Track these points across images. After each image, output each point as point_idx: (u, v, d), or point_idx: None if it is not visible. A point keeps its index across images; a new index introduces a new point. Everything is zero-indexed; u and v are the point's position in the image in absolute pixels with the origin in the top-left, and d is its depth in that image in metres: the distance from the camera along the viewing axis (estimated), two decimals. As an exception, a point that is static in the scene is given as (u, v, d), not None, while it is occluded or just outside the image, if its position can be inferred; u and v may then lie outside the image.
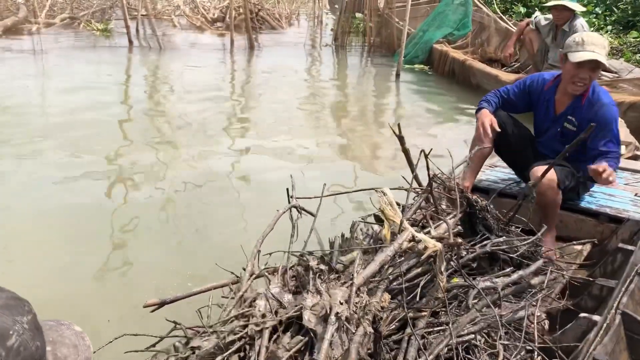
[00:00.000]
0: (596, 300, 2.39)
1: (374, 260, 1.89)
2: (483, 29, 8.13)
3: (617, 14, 9.09)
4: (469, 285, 2.04)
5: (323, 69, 8.83)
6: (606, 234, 2.98)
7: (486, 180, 3.29)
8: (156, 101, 6.34)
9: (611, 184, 2.62)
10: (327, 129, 5.53)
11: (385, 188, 2.12)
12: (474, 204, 2.37)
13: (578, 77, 2.68)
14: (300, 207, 2.33)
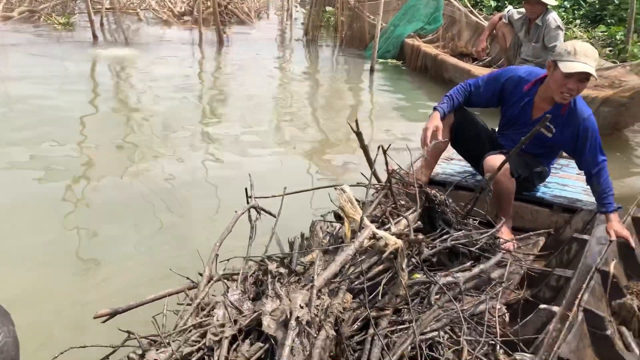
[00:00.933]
0: (554, 291, 2.44)
1: (335, 260, 1.85)
2: (454, 23, 8.18)
3: (585, 8, 9.27)
4: (430, 281, 2.03)
5: (294, 64, 8.75)
6: (560, 224, 3.06)
7: (443, 173, 3.34)
8: (121, 98, 6.19)
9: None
10: (297, 126, 5.47)
11: (345, 185, 2.10)
12: (433, 199, 2.39)
13: (566, 88, 2.66)
14: (259, 208, 2.28)
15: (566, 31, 8.45)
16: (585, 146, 2.78)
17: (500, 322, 2.04)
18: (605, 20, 8.76)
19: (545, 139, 2.88)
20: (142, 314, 1.79)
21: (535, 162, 3.00)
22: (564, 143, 2.89)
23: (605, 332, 2.12)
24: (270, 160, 4.46)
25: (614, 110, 4.61)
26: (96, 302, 2.04)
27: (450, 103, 2.98)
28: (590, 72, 2.57)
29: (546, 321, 2.07)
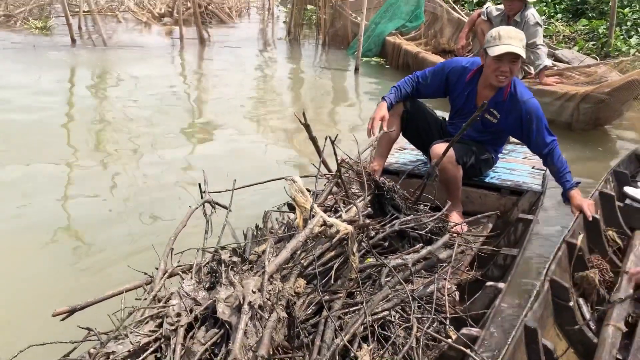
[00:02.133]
0: (501, 269, 2.59)
1: (286, 247, 1.94)
2: (436, 20, 8.24)
3: (566, 2, 9.36)
4: (381, 264, 2.16)
5: (277, 63, 8.79)
6: (508, 206, 3.23)
7: (396, 162, 3.50)
8: (100, 102, 6.20)
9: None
10: (278, 126, 5.49)
11: (296, 176, 2.20)
12: (382, 186, 2.51)
13: (499, 70, 2.87)
14: (213, 202, 2.36)
15: (548, 25, 8.56)
16: (531, 129, 2.95)
17: (451, 300, 2.17)
18: (586, 14, 8.87)
19: (490, 125, 3.06)
20: (101, 311, 1.85)
21: (482, 150, 3.18)
22: (510, 128, 3.08)
23: (568, 302, 2.25)
24: (245, 155, 4.64)
25: (594, 106, 4.70)
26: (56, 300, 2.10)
27: (397, 93, 3.16)
28: (515, 52, 2.78)
29: (493, 297, 2.19)
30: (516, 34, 2.87)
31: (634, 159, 3.72)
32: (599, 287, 2.47)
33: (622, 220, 3.03)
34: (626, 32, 7.71)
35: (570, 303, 2.25)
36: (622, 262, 2.72)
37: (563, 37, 8.33)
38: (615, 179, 3.35)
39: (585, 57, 6.37)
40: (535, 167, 3.52)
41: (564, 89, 4.94)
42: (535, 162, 3.57)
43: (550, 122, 4.95)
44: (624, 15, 7.96)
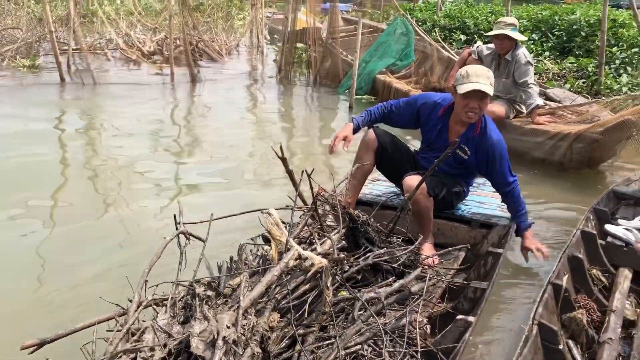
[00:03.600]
0: (471, 302, 2.64)
1: (261, 281, 1.98)
2: (426, 58, 8.36)
3: (553, 40, 9.55)
4: (354, 298, 2.21)
5: (269, 102, 8.85)
6: (478, 239, 3.32)
7: (369, 194, 3.63)
8: (89, 142, 6.17)
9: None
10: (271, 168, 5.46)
11: (271, 209, 2.26)
12: (356, 219, 2.56)
13: (469, 107, 3.03)
14: (188, 233, 2.40)
15: (537, 63, 8.69)
16: (494, 168, 3.14)
17: (422, 334, 2.21)
18: (573, 52, 9.03)
19: (461, 161, 3.18)
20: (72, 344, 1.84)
21: (453, 182, 3.29)
22: (478, 165, 3.22)
23: (558, 346, 2.24)
24: (230, 189, 4.75)
25: (587, 146, 4.73)
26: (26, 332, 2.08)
27: (367, 117, 3.35)
28: (482, 90, 2.94)
29: (463, 331, 2.25)
30: (484, 72, 3.03)
31: (612, 197, 3.82)
32: (587, 327, 2.49)
33: (605, 258, 3.10)
34: (615, 71, 7.85)
35: (560, 346, 2.25)
36: (608, 301, 2.77)
37: (552, 74, 8.46)
38: (596, 217, 3.43)
39: (577, 95, 6.45)
40: None
41: (556, 129, 4.98)
42: None
43: (543, 162, 5.05)
44: (612, 54, 8.11)
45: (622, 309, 2.64)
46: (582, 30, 9.30)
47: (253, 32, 12.47)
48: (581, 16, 9.69)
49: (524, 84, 5.17)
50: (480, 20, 11.03)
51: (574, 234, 3.11)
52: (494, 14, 11.39)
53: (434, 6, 13.48)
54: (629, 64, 7.91)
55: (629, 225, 3.29)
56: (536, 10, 11.21)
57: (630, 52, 8.07)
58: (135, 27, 12.84)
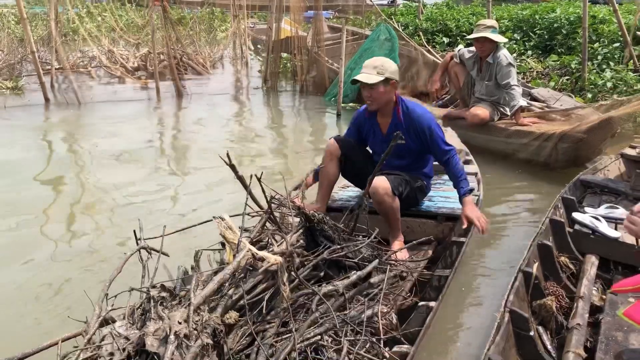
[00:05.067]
0: (437, 291, 2.79)
1: (213, 279, 2.10)
2: (411, 63, 8.45)
3: (535, 39, 9.67)
4: (312, 292, 2.31)
5: (256, 112, 8.92)
6: (446, 232, 3.49)
7: (339, 200, 3.81)
8: (74, 163, 6.17)
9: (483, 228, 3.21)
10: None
11: (224, 214, 2.40)
12: (312, 218, 2.66)
13: (365, 97, 3.33)
14: (149, 248, 2.51)
15: (520, 62, 8.81)
16: (428, 140, 3.33)
17: (388, 324, 2.36)
18: (555, 50, 9.16)
19: (403, 148, 3.28)
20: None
21: (414, 178, 3.47)
22: (416, 144, 3.39)
23: (529, 332, 2.34)
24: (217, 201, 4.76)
25: (572, 145, 4.80)
26: None
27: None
28: (360, 79, 3.23)
29: (425, 316, 2.43)
30: (372, 63, 3.29)
31: (579, 185, 3.97)
32: (556, 314, 2.59)
33: (572, 246, 3.21)
34: (598, 66, 7.97)
35: (530, 332, 2.34)
36: (576, 287, 2.86)
37: (536, 73, 8.58)
38: (564, 205, 3.55)
39: (561, 94, 6.53)
40: None
41: (541, 129, 5.07)
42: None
43: (529, 162, 5.13)
44: (594, 50, 8.24)
45: (590, 295, 2.73)
46: (563, 28, 9.44)
47: (236, 44, 12.50)
48: (561, 14, 9.84)
49: (506, 85, 5.26)
50: (462, 22, 11.15)
51: (543, 222, 3.22)
52: (474, 16, 11.52)
53: (415, 10, 13.60)
54: (611, 59, 8.04)
55: (595, 212, 3.40)
56: (516, 10, 11.35)
57: (611, 48, 8.20)
58: (117, 43, 12.83)
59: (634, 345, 2.19)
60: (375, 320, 2.31)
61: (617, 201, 3.70)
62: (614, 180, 4.02)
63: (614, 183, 3.94)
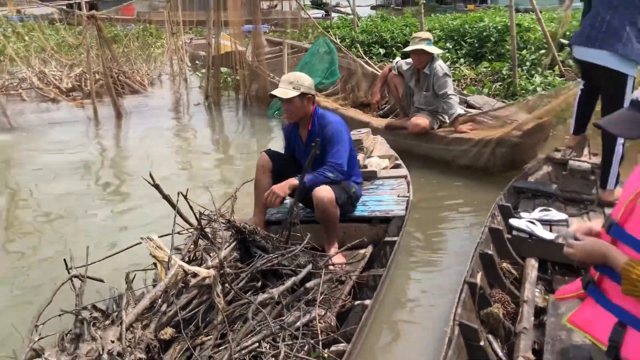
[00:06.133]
0: (372, 289, 2.90)
1: (145, 297, 2.13)
2: (351, 75, 8.60)
3: (466, 48, 10.07)
4: (247, 302, 2.36)
5: (198, 129, 8.84)
6: (381, 234, 3.62)
7: (277, 213, 3.88)
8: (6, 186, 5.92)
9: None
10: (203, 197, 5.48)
11: (152, 234, 2.42)
12: (243, 230, 2.72)
13: (284, 110, 3.57)
14: (81, 276, 2.51)
15: (454, 70, 9.13)
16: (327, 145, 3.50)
17: (327, 326, 2.43)
18: (486, 57, 9.56)
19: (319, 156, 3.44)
20: None
21: (347, 185, 3.63)
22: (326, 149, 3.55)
23: (479, 342, 2.40)
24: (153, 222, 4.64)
25: (509, 149, 5.02)
26: None
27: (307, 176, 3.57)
28: (277, 94, 3.44)
29: (361, 314, 2.53)
30: (288, 78, 3.53)
31: (513, 192, 4.17)
32: (503, 320, 2.68)
33: (512, 251, 3.36)
34: (527, 72, 8.38)
35: (481, 342, 2.40)
36: (520, 292, 2.99)
37: (470, 80, 8.92)
38: (500, 212, 3.71)
39: (495, 101, 6.83)
40: (400, 195, 4.00)
41: (479, 135, 5.27)
42: (400, 191, 4.10)
43: (469, 168, 5.32)
44: (522, 57, 8.66)
45: (533, 298, 2.87)
46: (492, 36, 9.89)
47: (174, 60, 12.33)
48: (489, 23, 10.29)
49: (444, 95, 5.46)
50: (397, 34, 11.47)
51: (483, 231, 3.36)
52: (408, 27, 11.88)
53: (350, 22, 13.87)
54: (538, 65, 8.48)
55: (530, 217, 3.62)
56: (447, 20, 11.81)
57: (538, 54, 8.65)
58: (49, 63, 12.41)
59: (577, 342, 2.30)
60: (314, 323, 2.39)
61: (549, 203, 3.93)
62: (544, 184, 4.26)
63: (544, 186, 4.17)
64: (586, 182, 4.00)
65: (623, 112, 1.60)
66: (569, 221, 3.63)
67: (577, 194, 3.99)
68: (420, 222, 4.60)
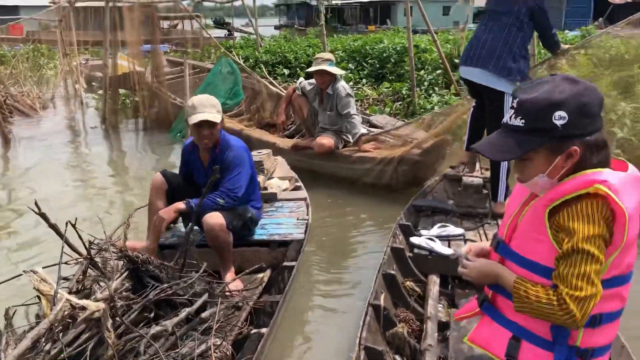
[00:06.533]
0: (269, 316, 2.87)
1: (27, 337, 2.02)
2: (256, 95, 8.55)
3: (368, 69, 10.34)
4: (139, 335, 2.28)
5: (96, 154, 8.37)
6: (279, 258, 3.60)
7: (172, 237, 3.78)
8: None
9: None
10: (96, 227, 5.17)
11: (36, 267, 2.32)
12: (135, 260, 2.64)
13: (202, 135, 3.39)
14: None
15: (357, 90, 9.33)
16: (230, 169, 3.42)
17: (223, 356, 2.39)
18: (387, 78, 9.87)
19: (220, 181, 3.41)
20: None
21: (245, 210, 3.56)
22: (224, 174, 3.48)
23: None
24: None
25: (411, 167, 5.16)
26: None
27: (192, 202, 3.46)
28: (208, 119, 3.32)
29: (258, 342, 2.51)
30: (208, 101, 3.42)
31: (412, 211, 4.27)
32: (408, 339, 2.72)
33: (415, 269, 3.42)
34: (425, 91, 8.73)
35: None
36: (423, 309, 3.04)
37: (372, 100, 9.15)
38: (402, 231, 3.80)
39: (396, 120, 7.04)
40: (299, 218, 3.98)
41: (382, 154, 5.39)
42: (299, 213, 4.07)
43: (374, 186, 5.42)
44: (420, 77, 9.01)
45: (437, 314, 2.94)
46: (392, 57, 10.24)
47: (68, 82, 11.69)
48: (389, 44, 10.65)
49: (347, 115, 5.53)
50: (300, 54, 11.59)
51: (385, 252, 3.41)
52: (311, 47, 12.04)
53: (253, 43, 13.86)
54: (435, 85, 8.85)
55: (429, 234, 3.72)
56: (349, 41, 12.10)
57: (435, 74, 9.04)
58: None
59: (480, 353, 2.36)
60: (209, 354, 2.33)
61: (447, 219, 4.07)
62: (441, 201, 4.43)
63: (441, 203, 4.33)
64: (479, 196, 4.20)
65: (494, 136, 1.66)
66: (465, 235, 3.77)
67: (472, 208, 4.17)
68: (326, 243, 4.60)
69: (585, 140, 1.54)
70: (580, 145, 1.54)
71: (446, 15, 39.20)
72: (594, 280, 1.48)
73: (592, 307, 1.49)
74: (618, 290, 1.59)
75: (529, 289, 1.56)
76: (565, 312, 1.48)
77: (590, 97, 1.53)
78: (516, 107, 1.58)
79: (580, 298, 1.47)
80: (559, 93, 1.52)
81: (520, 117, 1.57)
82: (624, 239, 1.50)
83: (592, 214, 1.50)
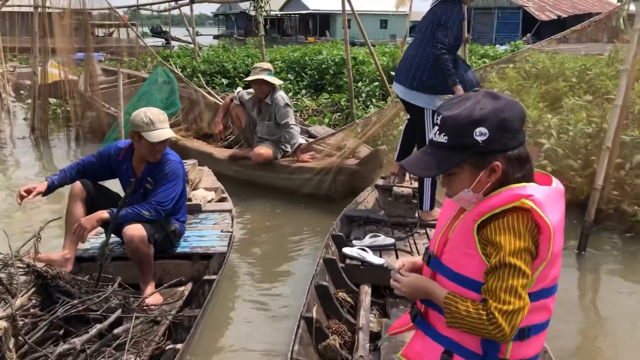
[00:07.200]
0: (187, 331, 2.81)
1: None
2: (193, 105, 8.41)
3: (307, 79, 10.36)
4: (43, 355, 2.19)
5: (24, 166, 7.99)
6: (202, 271, 3.55)
7: (91, 248, 3.64)
8: None
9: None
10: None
11: None
12: (45, 275, 2.55)
13: (156, 150, 3.32)
14: None
15: (296, 101, 9.32)
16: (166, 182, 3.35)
17: None
18: (326, 88, 9.91)
19: (150, 192, 3.37)
20: None
21: (168, 223, 3.50)
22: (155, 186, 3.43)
23: None
24: None
25: (348, 177, 5.19)
26: None
27: (62, 175, 3.48)
28: (169, 136, 3.29)
29: (172, 358, 2.45)
30: (163, 116, 3.36)
31: (345, 221, 4.28)
32: (341, 351, 2.69)
33: (347, 280, 3.41)
34: (363, 102, 8.82)
35: None
36: (355, 319, 3.03)
37: (312, 110, 9.16)
38: (334, 242, 3.80)
39: (335, 131, 7.03)
40: (224, 230, 3.93)
41: (320, 164, 5.40)
42: (223, 226, 4.01)
43: (313, 196, 5.40)
44: (358, 89, 9.10)
45: (368, 324, 2.93)
46: (330, 68, 10.31)
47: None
48: (327, 56, 10.71)
49: (285, 125, 5.51)
50: (239, 64, 11.49)
51: (318, 263, 3.40)
52: (250, 57, 11.96)
53: (191, 52, 13.64)
54: (373, 96, 8.96)
55: (361, 244, 3.74)
56: (288, 52, 12.09)
57: (372, 86, 9.16)
58: None
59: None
60: None
61: (378, 229, 4.10)
62: (372, 211, 4.46)
63: (373, 213, 4.36)
64: (410, 206, 4.26)
65: (420, 152, 1.67)
66: (396, 245, 3.81)
67: (402, 217, 4.22)
68: (261, 254, 4.55)
69: (507, 155, 1.56)
70: (503, 160, 1.56)
71: (384, 29, 40.07)
72: (521, 293, 1.50)
73: (520, 320, 1.51)
74: (545, 302, 1.62)
75: (459, 304, 1.57)
76: (494, 326, 1.49)
77: (511, 113, 1.55)
78: (440, 124, 1.60)
79: (508, 312, 1.49)
80: (480, 109, 1.54)
81: (443, 134, 1.59)
82: (549, 253, 1.53)
83: (518, 228, 1.52)
